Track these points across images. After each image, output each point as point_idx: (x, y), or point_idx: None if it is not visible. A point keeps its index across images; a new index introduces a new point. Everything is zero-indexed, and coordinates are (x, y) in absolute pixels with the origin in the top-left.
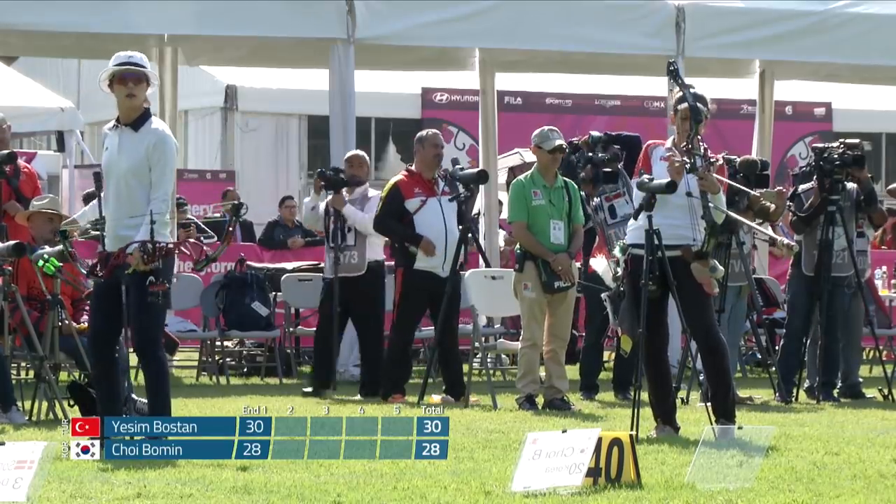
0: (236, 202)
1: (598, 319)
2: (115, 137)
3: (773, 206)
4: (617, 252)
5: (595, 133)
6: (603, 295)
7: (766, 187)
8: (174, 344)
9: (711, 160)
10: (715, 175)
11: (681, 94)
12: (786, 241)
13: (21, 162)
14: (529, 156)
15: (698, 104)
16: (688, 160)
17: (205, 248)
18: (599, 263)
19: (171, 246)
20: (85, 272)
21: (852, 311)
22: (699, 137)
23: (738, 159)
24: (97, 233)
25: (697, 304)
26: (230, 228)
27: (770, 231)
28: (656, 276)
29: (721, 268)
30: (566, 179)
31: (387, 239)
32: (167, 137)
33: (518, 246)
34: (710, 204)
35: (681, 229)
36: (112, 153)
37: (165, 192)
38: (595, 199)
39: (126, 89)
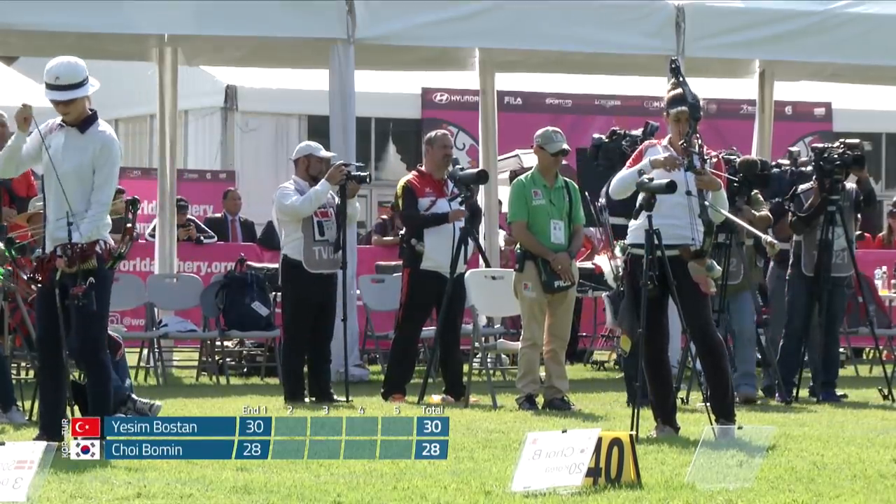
0: (129, 198)
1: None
2: (60, 137)
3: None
4: (617, 251)
5: (653, 123)
6: (603, 295)
7: (766, 187)
8: (117, 345)
9: (706, 157)
10: (711, 171)
11: (672, 94)
12: (769, 238)
13: None
14: (528, 160)
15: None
16: (685, 158)
17: (112, 246)
18: (604, 263)
19: (86, 247)
20: (26, 277)
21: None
22: (697, 135)
23: (738, 159)
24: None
25: (695, 304)
26: (128, 225)
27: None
28: (655, 275)
29: (718, 267)
30: (566, 179)
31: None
32: (113, 141)
33: (518, 246)
34: (708, 202)
35: (680, 229)
36: (56, 152)
37: (108, 196)
38: (601, 199)
39: (59, 110)
